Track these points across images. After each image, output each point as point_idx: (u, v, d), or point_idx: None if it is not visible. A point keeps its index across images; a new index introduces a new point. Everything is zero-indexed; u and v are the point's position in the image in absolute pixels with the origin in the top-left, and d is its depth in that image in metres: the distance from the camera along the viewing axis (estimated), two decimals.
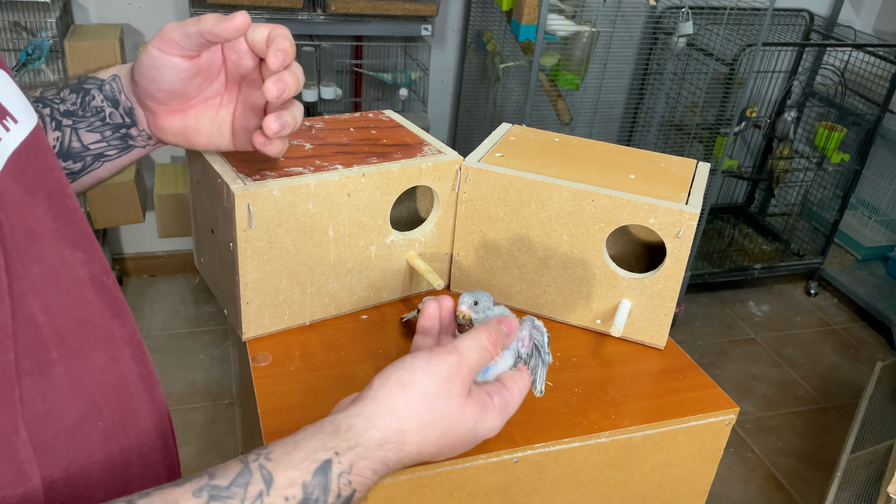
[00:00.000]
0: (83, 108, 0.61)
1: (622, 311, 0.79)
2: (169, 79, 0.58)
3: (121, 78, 0.62)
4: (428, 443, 0.51)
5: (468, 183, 0.81)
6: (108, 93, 0.61)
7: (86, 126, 0.61)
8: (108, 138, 0.62)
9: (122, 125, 0.62)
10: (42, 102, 0.60)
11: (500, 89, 2.59)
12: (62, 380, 0.41)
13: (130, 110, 0.62)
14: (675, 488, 0.78)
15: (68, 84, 0.62)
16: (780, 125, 2.85)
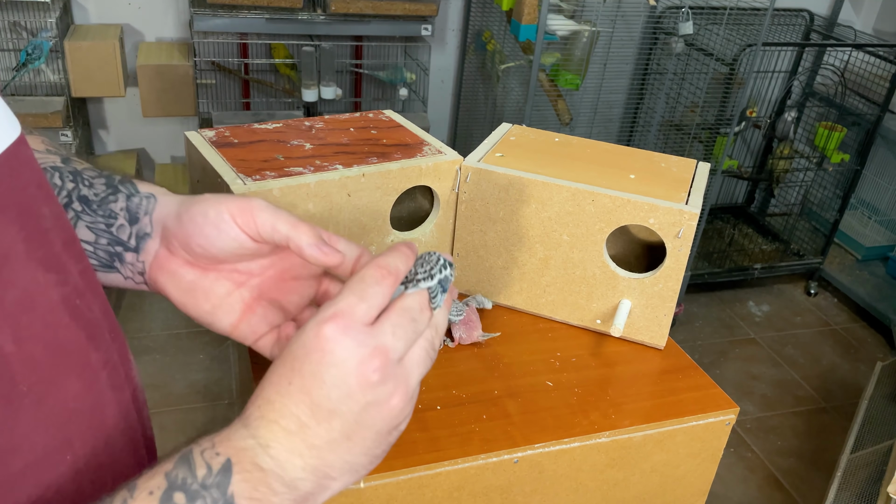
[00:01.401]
0: (101, 203, 0.54)
1: (622, 311, 0.79)
2: (222, 246, 0.52)
3: (157, 200, 0.55)
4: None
5: (468, 183, 0.81)
6: (132, 206, 0.54)
7: (89, 221, 0.54)
8: (98, 247, 0.54)
9: (122, 244, 0.54)
10: (74, 177, 0.54)
11: (500, 89, 2.59)
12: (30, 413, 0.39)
13: (144, 236, 0.54)
14: (675, 488, 0.78)
15: (111, 174, 0.56)
16: (780, 125, 2.85)
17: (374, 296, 0.45)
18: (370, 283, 0.45)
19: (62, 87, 2.24)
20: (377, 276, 0.45)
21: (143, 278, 0.55)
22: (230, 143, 0.78)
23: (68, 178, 0.55)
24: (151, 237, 0.54)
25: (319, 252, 0.49)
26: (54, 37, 2.09)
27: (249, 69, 2.45)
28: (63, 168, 0.55)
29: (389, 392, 0.43)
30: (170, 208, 0.54)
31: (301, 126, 0.84)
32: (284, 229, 0.50)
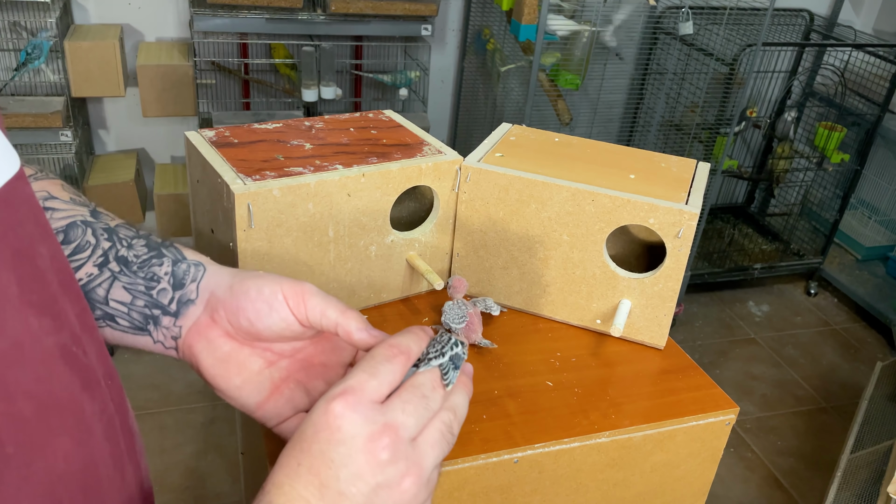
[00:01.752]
0: (142, 266, 0.54)
1: (622, 311, 0.79)
2: (270, 324, 0.52)
3: (206, 269, 0.54)
4: None
5: (468, 183, 0.81)
6: (178, 271, 0.54)
7: (127, 283, 0.53)
8: (133, 308, 0.53)
9: (161, 307, 0.54)
10: (109, 234, 0.54)
11: (500, 89, 2.59)
12: (16, 477, 0.36)
13: (187, 302, 0.54)
14: (675, 488, 0.78)
15: (150, 237, 0.56)
16: (780, 125, 2.85)
17: (385, 373, 0.44)
18: (380, 361, 0.45)
19: (62, 87, 2.24)
20: (388, 354, 0.45)
21: (175, 343, 0.54)
22: (230, 143, 0.78)
23: (103, 235, 0.54)
24: (195, 304, 0.54)
25: (368, 336, 0.50)
26: (54, 37, 2.09)
27: (249, 69, 2.45)
28: (94, 224, 0.54)
29: (401, 473, 0.42)
30: (221, 279, 0.54)
31: (301, 126, 0.84)
32: (334, 315, 0.50)
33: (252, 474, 0.94)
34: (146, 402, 2.16)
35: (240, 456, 2.03)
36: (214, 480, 1.96)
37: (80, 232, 0.53)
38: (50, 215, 0.53)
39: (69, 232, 0.53)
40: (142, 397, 2.17)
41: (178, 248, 0.56)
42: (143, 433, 1.68)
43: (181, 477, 1.96)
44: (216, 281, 0.54)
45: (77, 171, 2.26)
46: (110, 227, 0.55)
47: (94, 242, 0.53)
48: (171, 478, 1.95)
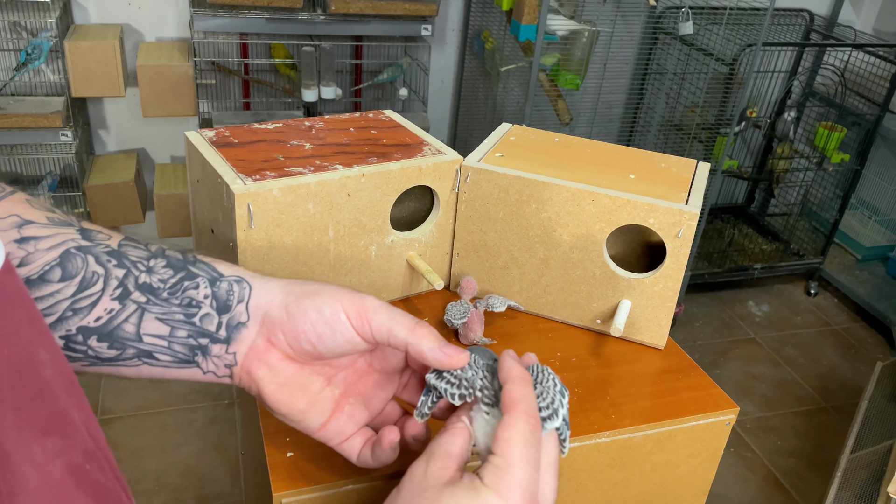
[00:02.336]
0: (172, 291, 0.47)
1: (622, 311, 0.79)
2: (334, 346, 0.49)
3: (251, 286, 0.49)
4: None
5: (468, 183, 0.81)
6: (220, 293, 0.48)
7: (159, 313, 0.47)
8: (176, 340, 0.47)
9: (208, 335, 0.48)
10: (118, 259, 0.46)
11: (500, 89, 2.59)
12: None
13: (238, 326, 0.48)
14: (675, 488, 0.78)
15: (166, 253, 0.48)
16: (780, 125, 2.85)
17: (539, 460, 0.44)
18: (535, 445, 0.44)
19: (62, 87, 2.24)
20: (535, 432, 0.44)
21: (230, 371, 0.50)
22: (230, 143, 0.78)
23: (110, 262, 0.46)
24: (247, 326, 0.49)
25: (444, 356, 0.47)
26: (54, 37, 2.09)
27: (249, 69, 2.45)
28: (92, 248, 0.46)
29: None
30: (273, 297, 0.49)
31: (301, 126, 0.85)
32: (402, 334, 0.48)
33: (252, 474, 0.94)
34: (146, 402, 2.16)
35: (240, 456, 2.03)
36: (214, 480, 1.96)
37: (80, 262, 0.46)
38: (33, 247, 0.44)
39: (66, 265, 0.45)
40: (142, 397, 2.17)
41: (206, 262, 0.50)
42: (143, 433, 1.70)
43: (181, 477, 1.96)
44: (268, 300, 0.49)
45: (77, 171, 2.26)
46: (113, 248, 0.47)
47: (104, 273, 0.46)
48: (171, 478, 1.95)
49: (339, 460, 0.63)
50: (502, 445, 0.43)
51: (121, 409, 2.12)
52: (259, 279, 0.50)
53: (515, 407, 0.45)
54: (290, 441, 0.64)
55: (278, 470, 0.61)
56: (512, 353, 0.49)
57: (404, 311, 0.49)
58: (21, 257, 0.43)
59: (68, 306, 0.44)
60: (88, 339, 0.45)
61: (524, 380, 0.47)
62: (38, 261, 0.44)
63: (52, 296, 0.44)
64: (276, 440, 0.64)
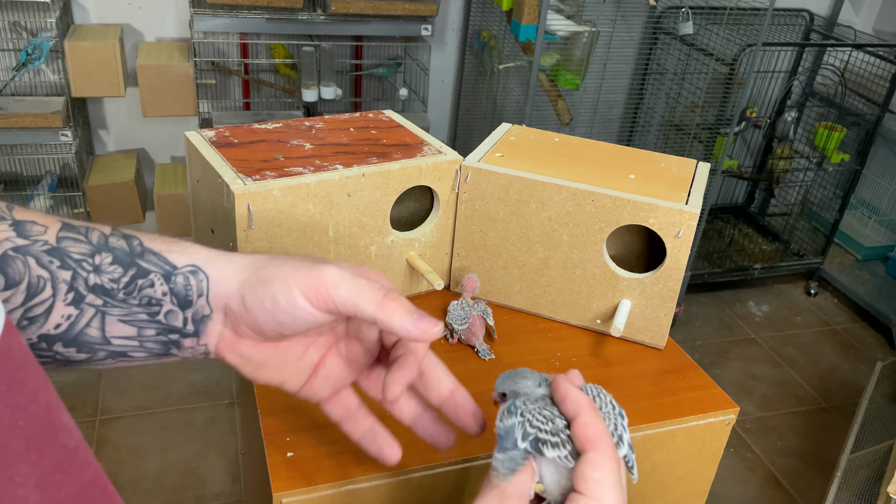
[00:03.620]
0: (128, 291, 0.44)
1: (622, 311, 0.79)
2: (297, 328, 0.47)
3: (207, 276, 0.46)
4: None
5: (468, 183, 0.81)
6: (177, 287, 0.46)
7: (121, 315, 0.44)
8: (146, 339, 0.46)
9: (177, 331, 0.46)
10: (61, 260, 0.42)
11: (500, 89, 2.59)
12: None
13: (202, 319, 0.47)
14: (675, 488, 0.78)
15: (109, 245, 0.45)
16: (780, 125, 2.85)
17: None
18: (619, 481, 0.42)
19: (62, 87, 2.24)
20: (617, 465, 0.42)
21: (206, 356, 0.49)
22: (230, 143, 0.78)
23: (52, 263, 0.42)
24: (212, 318, 0.47)
25: (416, 330, 0.45)
26: (54, 37, 2.09)
27: (249, 69, 2.45)
28: (30, 247, 0.42)
29: None
30: (230, 287, 0.46)
31: (301, 126, 0.85)
32: (370, 309, 0.45)
33: (252, 474, 0.94)
34: (146, 402, 2.16)
35: (240, 456, 2.03)
36: (214, 480, 1.96)
37: (21, 266, 0.41)
38: None
39: (6, 270, 0.40)
40: (142, 397, 2.17)
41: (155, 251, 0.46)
42: (143, 433, 1.70)
43: (181, 477, 1.96)
44: (226, 291, 0.47)
45: (77, 171, 2.26)
46: (52, 245, 0.42)
47: (49, 276, 0.42)
48: (171, 478, 1.95)
49: (339, 460, 0.63)
50: (595, 487, 0.41)
51: (121, 409, 2.12)
52: (214, 265, 0.47)
53: (601, 443, 0.42)
54: (290, 441, 0.64)
55: (278, 470, 0.61)
56: (566, 378, 0.47)
57: (370, 280, 0.46)
58: None
59: (22, 315, 0.41)
60: (53, 345, 0.43)
61: (595, 410, 0.44)
62: None
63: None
64: (276, 440, 0.64)
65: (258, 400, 0.69)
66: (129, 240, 0.46)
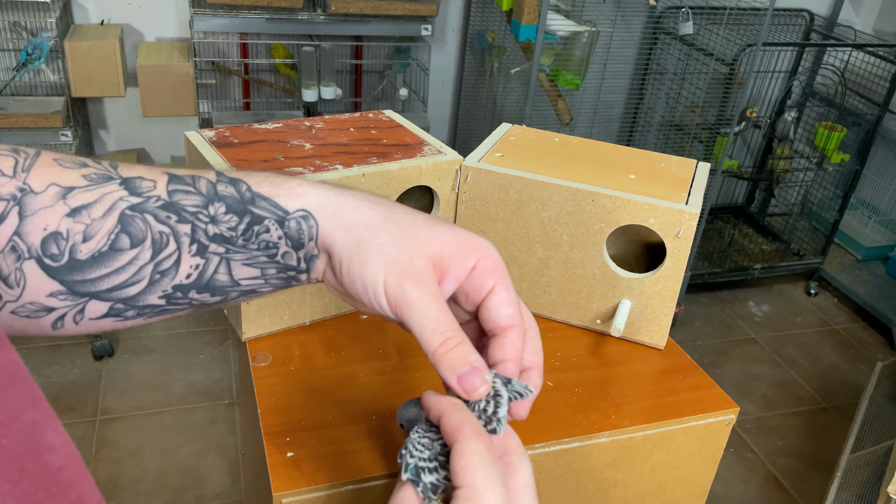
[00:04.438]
0: (246, 237, 0.47)
1: (622, 311, 0.79)
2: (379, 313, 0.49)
3: (317, 222, 0.48)
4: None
5: (468, 183, 0.81)
6: (291, 232, 0.47)
7: (244, 259, 0.47)
8: (270, 277, 0.49)
9: (293, 269, 0.49)
10: (178, 214, 0.45)
11: (499, 89, 2.59)
12: None
13: (312, 259, 0.49)
14: (675, 488, 0.78)
15: (219, 194, 0.46)
16: (780, 125, 2.85)
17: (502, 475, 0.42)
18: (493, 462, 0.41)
19: (62, 87, 2.24)
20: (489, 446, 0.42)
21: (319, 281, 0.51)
22: (230, 143, 0.78)
23: (170, 218, 0.45)
24: (319, 258, 0.49)
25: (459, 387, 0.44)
26: (54, 37, 2.09)
27: (249, 69, 2.45)
28: (145, 204, 0.44)
29: None
30: (334, 241, 0.48)
31: (301, 126, 0.84)
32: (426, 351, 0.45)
33: (252, 474, 0.94)
34: (146, 402, 2.16)
35: (240, 456, 2.03)
36: (214, 480, 1.96)
37: (142, 223, 0.44)
38: (88, 217, 0.42)
39: (129, 229, 0.43)
40: (142, 397, 2.17)
41: (265, 196, 0.47)
42: (143, 433, 1.70)
43: (181, 477, 1.96)
44: (330, 241, 0.48)
45: None
46: (165, 200, 0.45)
47: (170, 231, 0.44)
48: (171, 478, 1.95)
49: (339, 460, 0.63)
50: (463, 474, 0.40)
51: (121, 409, 2.12)
52: (324, 212, 0.48)
53: (460, 432, 0.42)
54: (290, 441, 0.64)
55: (278, 470, 0.61)
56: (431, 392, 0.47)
57: (440, 313, 0.45)
58: (81, 231, 0.42)
59: (153, 270, 0.44)
60: (188, 293, 0.46)
61: (454, 404, 0.44)
62: (100, 231, 0.42)
63: (131, 264, 0.43)
64: (276, 440, 0.64)
65: (258, 400, 0.69)
66: (237, 185, 0.47)
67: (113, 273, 0.43)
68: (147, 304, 0.45)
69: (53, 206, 0.41)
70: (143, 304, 0.45)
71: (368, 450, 0.64)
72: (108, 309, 0.44)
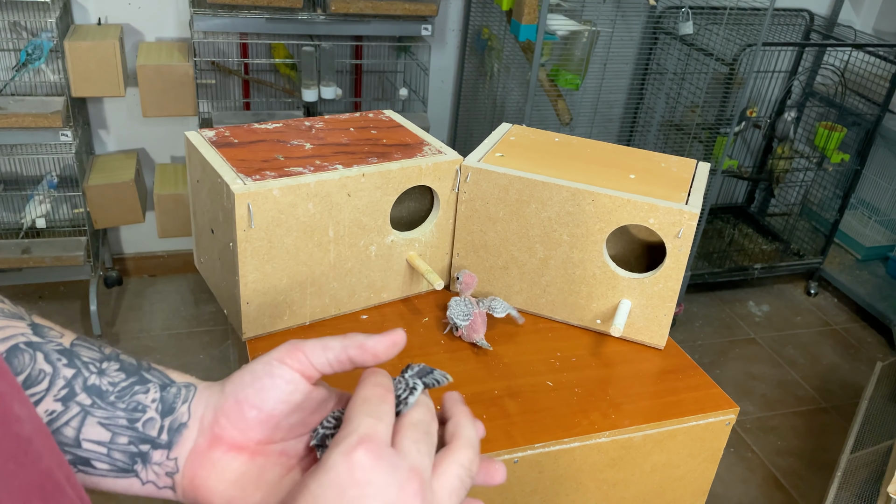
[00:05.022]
0: (121, 395, 0.45)
1: (622, 311, 0.79)
2: (279, 395, 0.46)
3: (196, 388, 0.48)
4: None
5: (468, 183, 0.81)
6: (168, 396, 0.47)
7: (103, 417, 0.45)
8: (115, 447, 0.45)
9: (149, 440, 0.46)
10: (69, 358, 0.44)
11: (500, 89, 2.59)
12: None
13: (179, 428, 0.47)
14: (675, 488, 0.78)
15: (120, 357, 0.47)
16: (780, 125, 2.85)
17: (386, 414, 0.42)
18: (378, 402, 0.41)
19: (62, 87, 2.24)
20: (380, 394, 0.42)
21: (172, 480, 0.47)
22: (230, 143, 0.78)
23: (60, 360, 0.44)
24: (188, 426, 0.47)
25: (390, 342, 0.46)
26: (54, 37, 2.09)
27: (249, 69, 2.45)
28: (43, 345, 0.44)
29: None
30: (211, 390, 0.48)
31: (301, 126, 0.85)
32: (337, 346, 0.46)
33: None
34: None
35: None
36: None
37: (28, 358, 0.43)
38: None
39: (11, 361, 0.42)
40: None
41: (160, 369, 0.48)
42: None
43: None
44: (207, 394, 0.47)
45: (77, 171, 2.26)
46: (65, 347, 0.45)
47: (51, 371, 0.43)
48: None
49: None
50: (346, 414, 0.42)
51: None
52: (209, 384, 0.48)
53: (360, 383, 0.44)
54: None
55: None
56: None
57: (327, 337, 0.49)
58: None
59: None
60: None
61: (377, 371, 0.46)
62: None
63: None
64: None
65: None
66: (139, 359, 0.48)
67: None
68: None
69: None
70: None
71: None
72: None
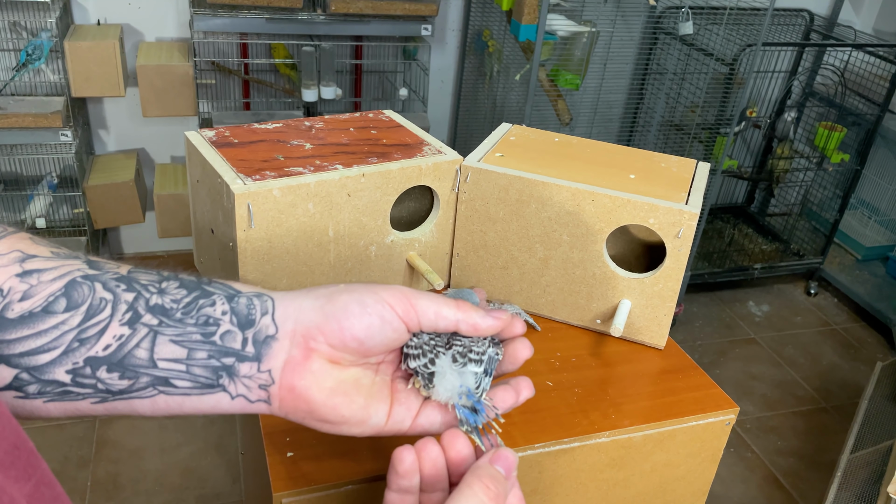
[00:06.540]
0: (187, 310, 0.44)
1: (622, 311, 0.79)
2: (383, 337, 0.47)
3: (274, 298, 0.46)
4: None
5: (468, 183, 0.81)
6: (239, 307, 0.45)
7: (174, 335, 0.43)
8: (194, 363, 0.44)
9: (233, 353, 0.44)
10: (127, 284, 0.43)
11: (499, 89, 2.59)
12: None
13: (266, 340, 0.45)
14: (675, 488, 0.78)
15: (179, 276, 0.46)
16: (780, 125, 2.85)
17: None
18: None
19: (62, 87, 2.24)
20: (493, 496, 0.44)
21: (266, 393, 0.46)
22: (230, 143, 0.78)
23: (119, 287, 0.43)
24: (277, 339, 0.45)
25: (497, 322, 0.50)
26: (54, 37, 2.09)
27: (249, 69, 2.45)
28: (100, 276, 0.44)
29: None
30: (300, 303, 0.46)
31: (301, 126, 0.85)
32: (452, 315, 0.48)
33: (252, 474, 0.94)
34: None
35: (240, 456, 2.03)
36: (214, 480, 1.96)
37: (87, 290, 0.43)
38: (36, 279, 0.42)
39: (71, 293, 0.42)
40: None
41: (222, 282, 0.46)
42: (143, 433, 1.71)
43: (181, 477, 1.96)
44: (295, 307, 0.46)
45: (77, 171, 2.26)
46: (122, 274, 0.44)
47: (112, 298, 0.43)
48: (171, 478, 1.95)
49: (339, 460, 0.63)
50: None
51: None
52: (279, 292, 0.47)
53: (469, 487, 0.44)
54: (290, 441, 0.64)
55: (278, 470, 0.61)
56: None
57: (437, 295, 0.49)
58: (23, 291, 0.41)
59: (74, 337, 0.42)
60: (97, 370, 0.42)
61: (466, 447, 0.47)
62: (42, 293, 0.41)
63: (55, 328, 0.41)
64: (276, 440, 0.64)
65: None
66: (199, 277, 0.47)
67: (33, 336, 0.41)
68: (52, 380, 0.42)
69: (8, 266, 0.42)
70: (48, 379, 0.41)
71: (368, 450, 0.64)
72: (12, 378, 0.41)
